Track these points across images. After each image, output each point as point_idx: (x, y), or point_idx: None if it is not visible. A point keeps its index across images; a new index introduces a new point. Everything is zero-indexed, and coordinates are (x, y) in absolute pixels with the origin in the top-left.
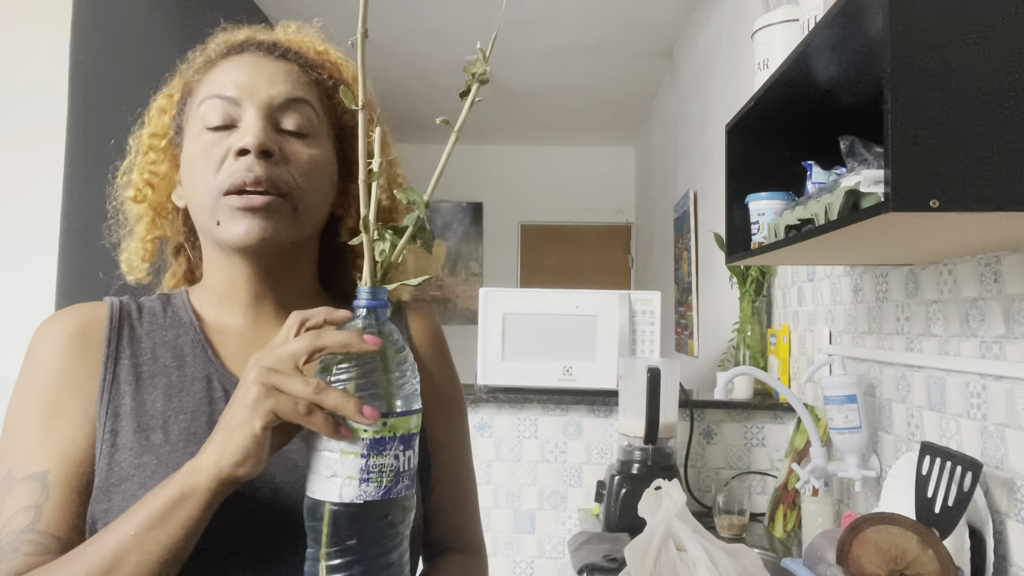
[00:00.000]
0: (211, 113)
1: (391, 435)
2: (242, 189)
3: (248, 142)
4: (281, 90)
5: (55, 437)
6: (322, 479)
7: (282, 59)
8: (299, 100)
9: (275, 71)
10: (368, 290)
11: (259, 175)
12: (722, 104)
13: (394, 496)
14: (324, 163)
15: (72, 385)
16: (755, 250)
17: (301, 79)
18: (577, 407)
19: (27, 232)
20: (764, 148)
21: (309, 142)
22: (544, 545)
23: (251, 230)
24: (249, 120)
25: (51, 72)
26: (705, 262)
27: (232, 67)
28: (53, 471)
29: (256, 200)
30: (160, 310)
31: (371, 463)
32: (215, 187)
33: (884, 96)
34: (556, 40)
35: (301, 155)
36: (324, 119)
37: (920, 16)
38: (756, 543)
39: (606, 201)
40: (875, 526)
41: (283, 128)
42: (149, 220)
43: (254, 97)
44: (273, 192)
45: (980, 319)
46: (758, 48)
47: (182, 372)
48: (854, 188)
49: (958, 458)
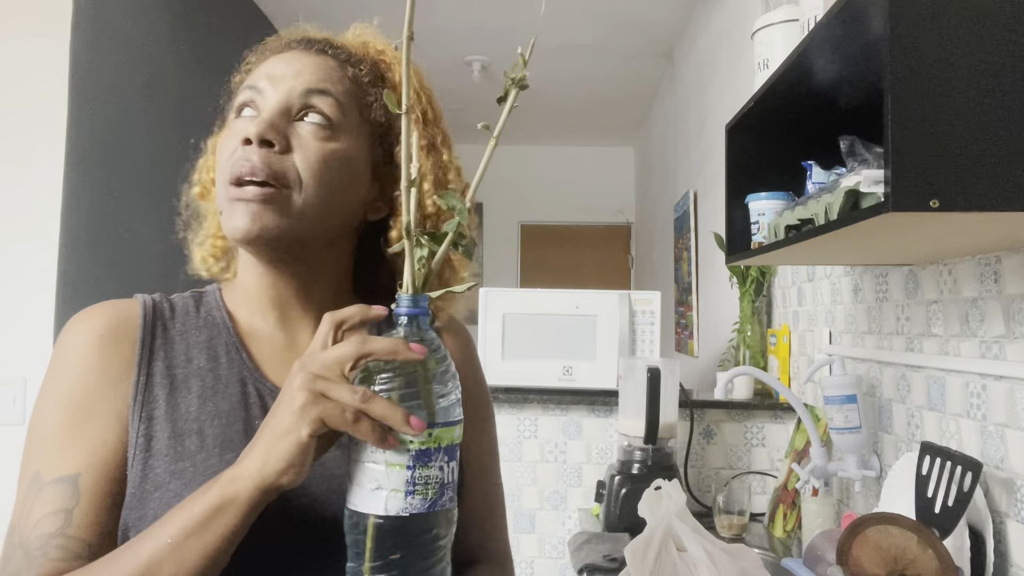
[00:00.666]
0: (241, 100)
1: (436, 446)
2: (241, 180)
3: (250, 131)
4: (304, 80)
5: (86, 440)
6: (366, 492)
7: (321, 54)
8: (322, 92)
9: (307, 64)
10: (409, 297)
11: (255, 164)
12: (722, 104)
13: (438, 508)
14: (345, 158)
15: (104, 386)
16: (755, 250)
17: (335, 73)
18: (577, 407)
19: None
20: (764, 148)
21: (329, 135)
22: (544, 545)
23: (242, 222)
24: (265, 110)
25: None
26: (705, 262)
27: (272, 61)
28: (84, 475)
29: (248, 191)
30: (193, 309)
31: (417, 475)
32: (222, 174)
33: (884, 96)
34: (556, 40)
35: (313, 147)
36: (353, 114)
37: (920, 16)
38: (756, 543)
39: (606, 201)
40: (875, 526)
41: (301, 119)
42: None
43: (277, 87)
44: (271, 183)
45: (980, 319)
46: (758, 48)
47: (216, 375)
48: (854, 188)
49: (958, 458)
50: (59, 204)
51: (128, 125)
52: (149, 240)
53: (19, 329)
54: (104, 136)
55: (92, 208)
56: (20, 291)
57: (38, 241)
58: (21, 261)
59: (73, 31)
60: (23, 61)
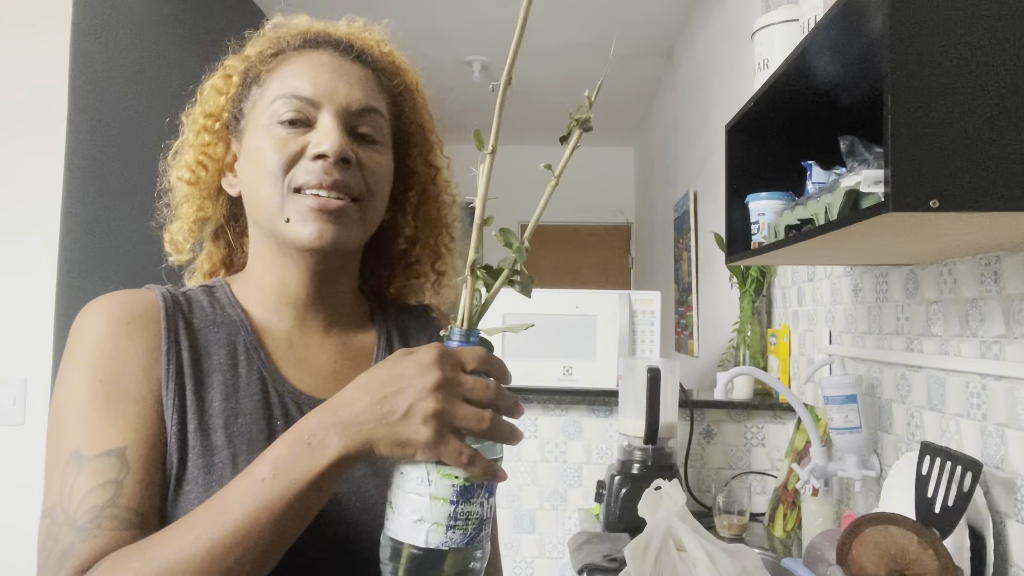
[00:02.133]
0: (286, 110)
1: (479, 483)
2: (317, 190)
3: (327, 148)
4: (359, 97)
5: (128, 417)
6: (408, 522)
7: (358, 62)
8: (373, 110)
9: (352, 75)
10: (463, 332)
11: (337, 180)
12: (722, 104)
13: (476, 545)
14: (389, 171)
15: (136, 370)
16: (755, 250)
17: (375, 86)
18: (577, 407)
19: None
20: (764, 148)
21: (379, 149)
22: (544, 545)
23: (324, 233)
24: (327, 124)
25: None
26: (705, 262)
27: (309, 65)
28: (132, 448)
29: (333, 203)
30: (207, 304)
31: (459, 510)
32: (286, 184)
33: (884, 96)
34: (556, 40)
35: (372, 162)
36: (389, 127)
37: (920, 16)
38: (756, 543)
39: (606, 201)
40: (875, 526)
41: (357, 133)
42: (197, 201)
43: (332, 100)
44: (348, 197)
45: (980, 319)
46: (758, 48)
47: (236, 372)
48: (854, 188)
49: (958, 458)
50: (59, 203)
51: (128, 124)
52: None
53: (19, 329)
54: (104, 135)
55: (92, 207)
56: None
57: (38, 240)
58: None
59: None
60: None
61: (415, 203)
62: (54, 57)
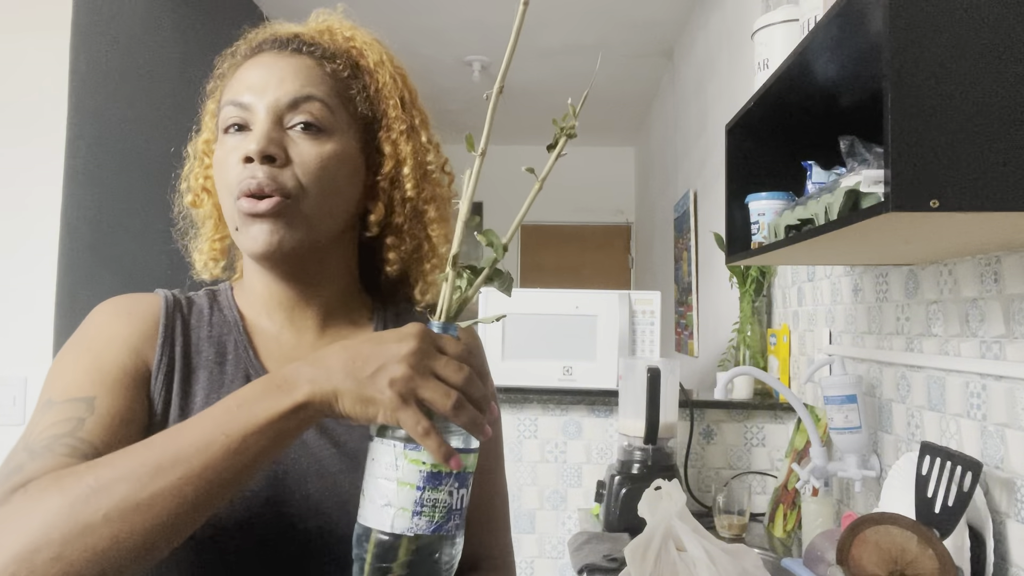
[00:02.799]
0: (227, 117)
1: (448, 471)
2: (247, 195)
3: (250, 148)
4: (288, 89)
5: (102, 374)
6: (376, 507)
7: (296, 54)
8: (308, 98)
9: (286, 68)
10: (441, 324)
11: (260, 181)
12: (722, 104)
13: (443, 533)
14: (340, 159)
15: (124, 346)
16: (755, 250)
17: (313, 73)
18: (577, 407)
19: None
20: (764, 148)
21: (321, 138)
22: (544, 545)
23: (259, 236)
24: (257, 124)
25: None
26: (705, 262)
27: (249, 69)
28: (100, 399)
29: (260, 205)
30: (207, 306)
31: (426, 496)
32: (231, 193)
33: (884, 96)
34: (556, 40)
35: (308, 154)
36: (341, 112)
37: (920, 16)
38: (756, 543)
39: (606, 201)
40: (875, 526)
41: (291, 126)
42: (214, 222)
43: (263, 99)
44: (277, 195)
45: (980, 319)
46: (758, 48)
47: (223, 369)
48: (854, 188)
49: (958, 458)
50: (59, 203)
51: (128, 124)
52: (151, 239)
53: (19, 329)
54: (104, 135)
55: (93, 207)
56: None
57: (38, 241)
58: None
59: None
60: (23, 59)
61: (386, 187)
62: (54, 58)
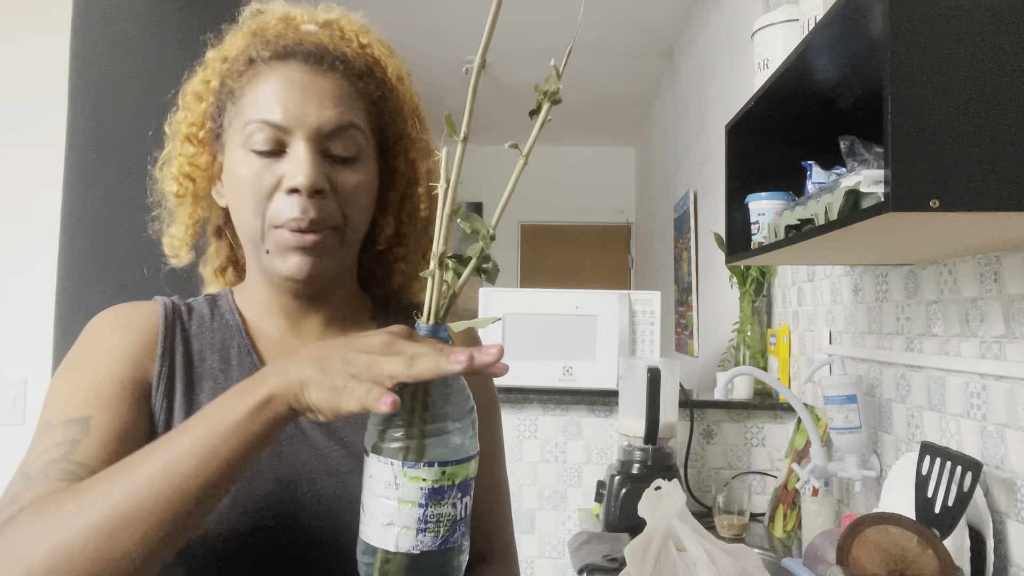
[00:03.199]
0: (258, 137)
1: (450, 483)
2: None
3: (300, 182)
4: (330, 116)
5: (99, 392)
6: (378, 525)
7: (331, 72)
8: (348, 125)
9: (323, 91)
10: (430, 328)
11: (313, 217)
12: (722, 104)
13: (450, 545)
14: (369, 182)
15: (120, 359)
16: (755, 250)
17: (349, 96)
18: (577, 407)
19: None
20: (764, 148)
21: (357, 166)
22: (544, 545)
23: (302, 266)
24: (299, 153)
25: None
26: (705, 262)
27: (279, 85)
28: (96, 417)
29: (309, 239)
30: (208, 312)
31: (429, 513)
32: (266, 218)
33: (884, 96)
34: (556, 40)
35: (349, 184)
36: (370, 136)
37: (920, 16)
38: (756, 543)
39: (606, 201)
40: (875, 526)
41: (332, 154)
42: (190, 205)
43: (303, 125)
44: (325, 229)
45: (980, 319)
46: (758, 48)
47: (228, 376)
48: (854, 188)
49: (958, 458)
50: (59, 203)
51: (128, 124)
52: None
53: (19, 329)
54: (104, 135)
55: (93, 207)
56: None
57: (38, 240)
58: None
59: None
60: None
61: (397, 201)
62: (54, 58)
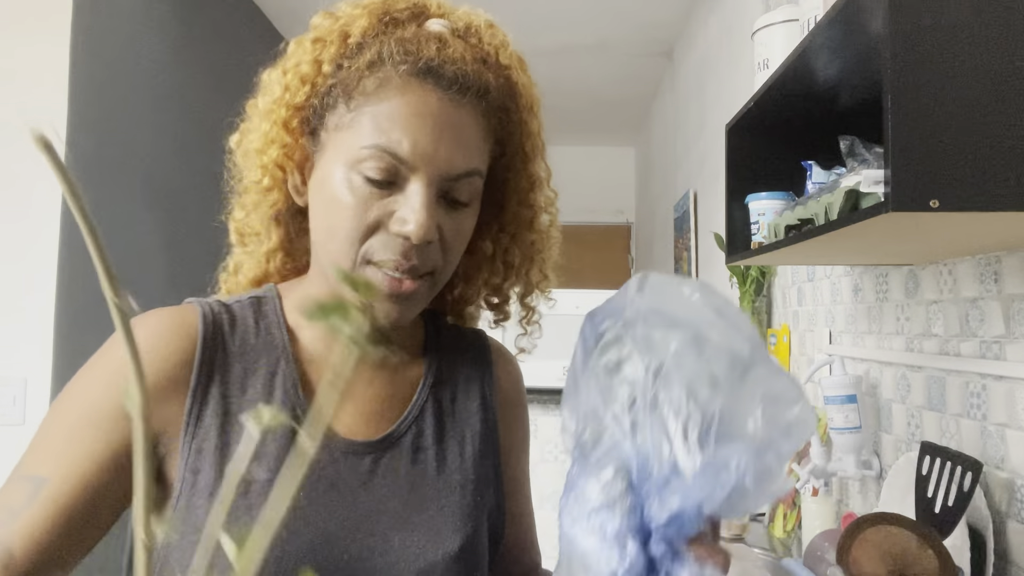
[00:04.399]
0: (373, 164)
1: None
2: (392, 270)
3: (411, 231)
4: (460, 162)
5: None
6: None
7: (468, 105)
8: (472, 172)
9: (458, 129)
10: None
11: (415, 265)
12: (722, 104)
13: None
14: (472, 225)
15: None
16: (755, 250)
17: (481, 137)
18: None
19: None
20: (764, 148)
21: (467, 212)
22: (544, 545)
23: (390, 314)
24: (417, 196)
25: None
26: (705, 262)
27: (411, 111)
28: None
29: (405, 286)
30: (252, 322)
31: None
32: (360, 252)
33: (884, 96)
34: (556, 40)
35: (453, 231)
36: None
37: (920, 16)
38: (756, 543)
39: (606, 201)
40: (875, 526)
41: (447, 197)
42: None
43: (430, 164)
44: (423, 276)
45: (980, 319)
46: (758, 48)
47: None
48: (854, 188)
49: (958, 458)
50: (59, 203)
51: (128, 124)
52: (151, 239)
53: (19, 329)
54: (104, 135)
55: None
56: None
57: (38, 240)
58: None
59: (73, 29)
60: (23, 60)
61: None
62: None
